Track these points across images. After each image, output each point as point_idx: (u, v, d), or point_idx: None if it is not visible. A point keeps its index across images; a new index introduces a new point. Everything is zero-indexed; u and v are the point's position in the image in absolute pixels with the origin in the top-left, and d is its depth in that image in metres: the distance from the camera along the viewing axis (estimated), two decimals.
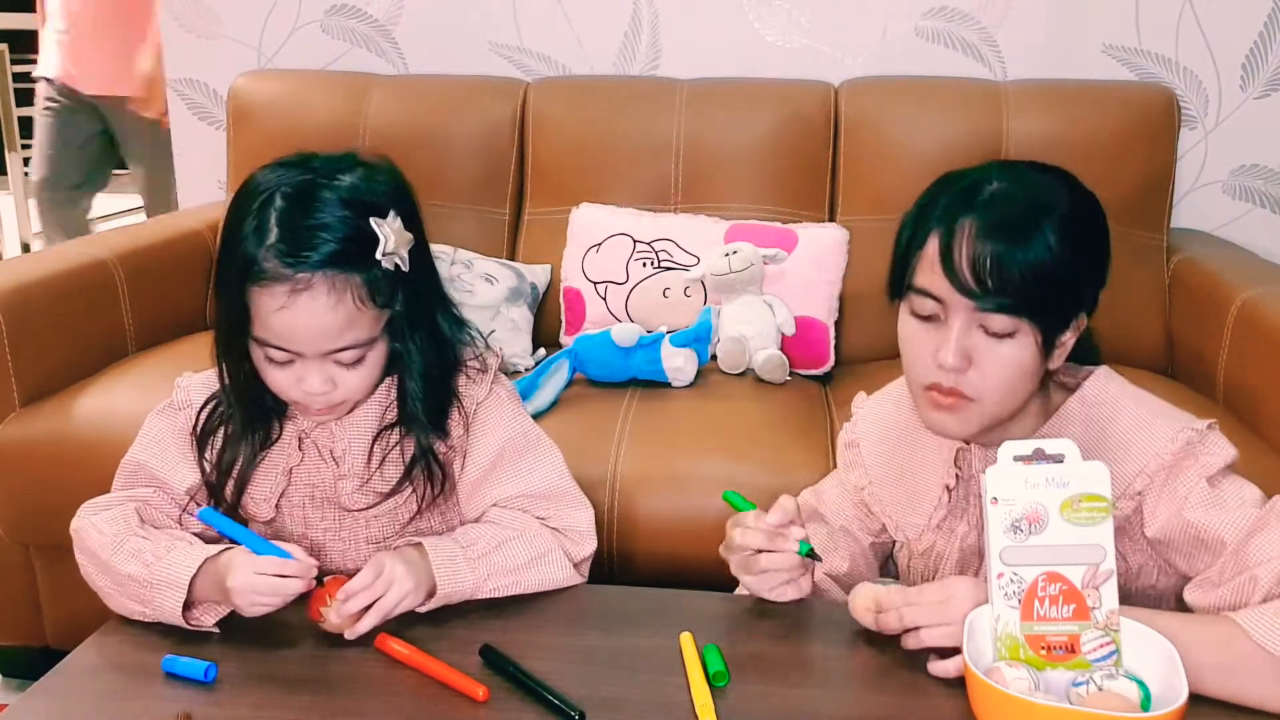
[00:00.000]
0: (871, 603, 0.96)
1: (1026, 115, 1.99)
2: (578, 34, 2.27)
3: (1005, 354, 0.95)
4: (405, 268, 0.99)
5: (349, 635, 0.96)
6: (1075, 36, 2.14)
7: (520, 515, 1.10)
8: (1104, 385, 1.03)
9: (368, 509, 1.10)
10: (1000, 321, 0.93)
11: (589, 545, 1.12)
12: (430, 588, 1.01)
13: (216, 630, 0.99)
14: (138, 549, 1.00)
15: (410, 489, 1.09)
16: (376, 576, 0.97)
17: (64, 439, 1.60)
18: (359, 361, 1.00)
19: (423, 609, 1.01)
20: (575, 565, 1.11)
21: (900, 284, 1.00)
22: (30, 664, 1.76)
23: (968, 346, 0.95)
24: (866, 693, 0.91)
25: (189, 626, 0.98)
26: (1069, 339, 0.99)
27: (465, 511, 1.13)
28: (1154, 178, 1.99)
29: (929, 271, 0.96)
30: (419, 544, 1.04)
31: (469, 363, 1.11)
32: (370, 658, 0.95)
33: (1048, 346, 0.96)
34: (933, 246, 0.95)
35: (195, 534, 1.08)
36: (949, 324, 0.95)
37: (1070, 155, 1.95)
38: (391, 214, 0.97)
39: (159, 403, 1.12)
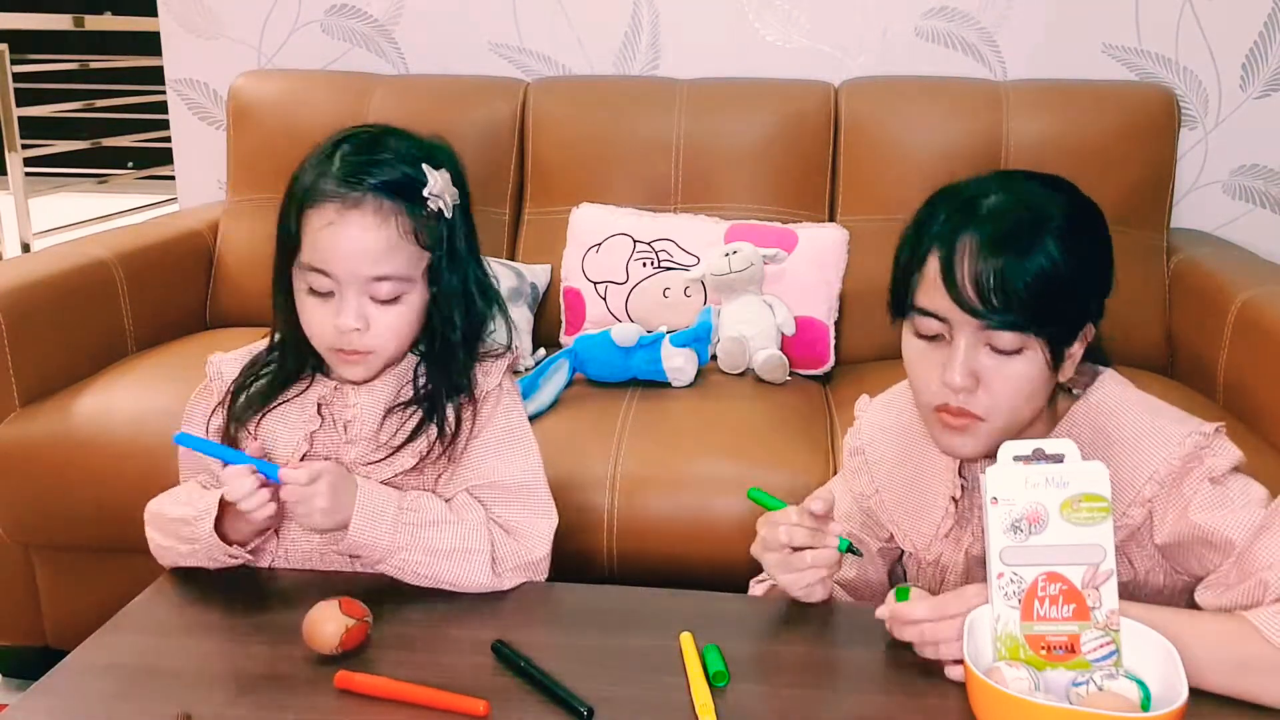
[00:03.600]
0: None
1: (1026, 115, 1.99)
2: (578, 34, 2.27)
3: (1014, 370, 0.93)
4: (449, 214, 1.07)
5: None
6: (1075, 36, 2.14)
7: (473, 504, 1.09)
8: (1110, 390, 1.02)
9: (373, 464, 1.10)
10: (1007, 338, 0.92)
11: (540, 549, 1.10)
12: (344, 522, 1.02)
13: (252, 559, 1.08)
14: (184, 496, 1.09)
15: (422, 439, 1.09)
16: (312, 481, 1.00)
17: (64, 439, 1.59)
18: (394, 301, 1.04)
19: (335, 548, 1.07)
20: (529, 565, 1.09)
21: (902, 303, 0.98)
22: (30, 664, 1.76)
23: (975, 365, 0.94)
24: (866, 693, 0.91)
25: (228, 554, 1.05)
26: (1077, 350, 0.97)
27: (440, 491, 1.13)
28: (1154, 178, 2.00)
29: (931, 291, 0.94)
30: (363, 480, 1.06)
31: (488, 339, 1.14)
32: (371, 658, 0.95)
33: (1056, 360, 0.94)
34: (933, 265, 0.93)
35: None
36: (954, 343, 0.94)
37: (1070, 155, 1.97)
38: (443, 170, 1.06)
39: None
